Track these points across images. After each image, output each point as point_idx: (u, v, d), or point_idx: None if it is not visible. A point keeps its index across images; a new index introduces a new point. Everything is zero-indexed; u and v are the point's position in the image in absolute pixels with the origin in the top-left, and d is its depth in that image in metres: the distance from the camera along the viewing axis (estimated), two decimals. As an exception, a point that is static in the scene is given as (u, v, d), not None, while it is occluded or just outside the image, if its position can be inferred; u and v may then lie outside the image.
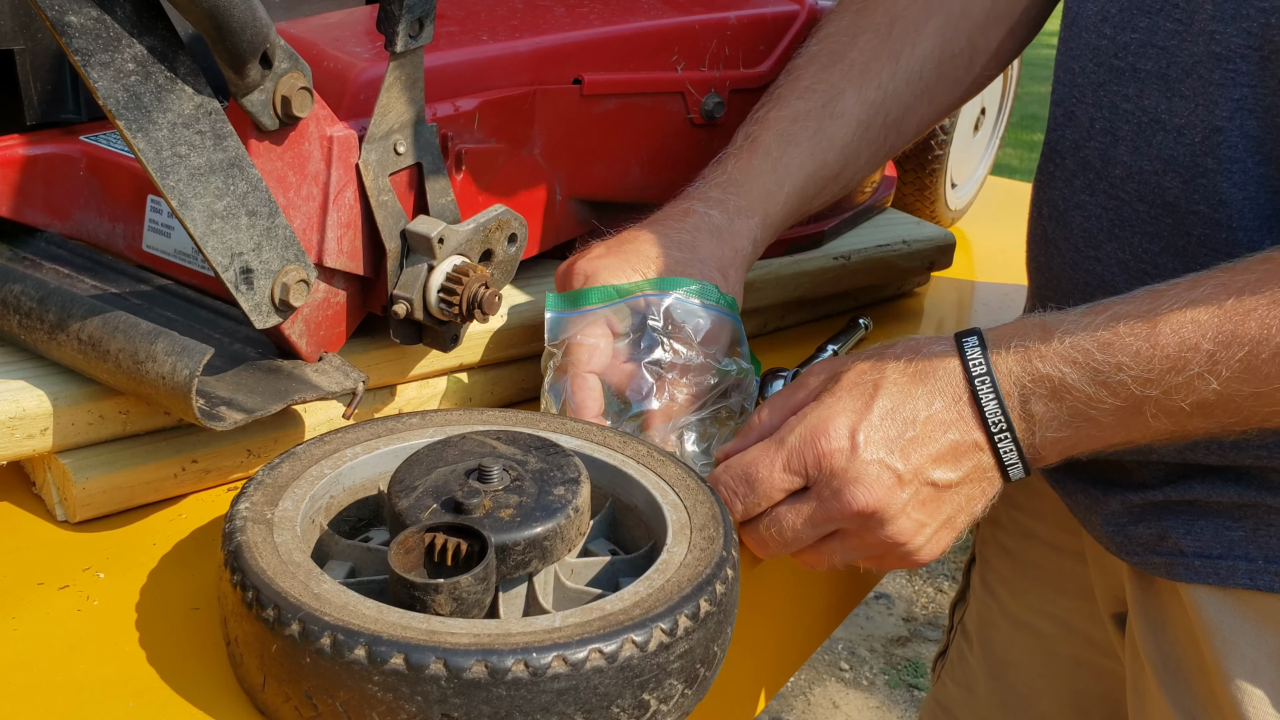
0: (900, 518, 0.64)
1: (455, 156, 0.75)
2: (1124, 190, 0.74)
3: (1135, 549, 0.79)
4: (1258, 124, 0.68)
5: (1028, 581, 1.01)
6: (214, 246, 0.59)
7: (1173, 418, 0.63)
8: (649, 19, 0.88)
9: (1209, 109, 0.69)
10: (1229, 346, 0.60)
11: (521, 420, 0.68)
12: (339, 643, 0.49)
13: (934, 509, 0.65)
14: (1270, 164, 0.68)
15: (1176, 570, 0.76)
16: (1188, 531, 0.76)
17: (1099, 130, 0.76)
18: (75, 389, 0.65)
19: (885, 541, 0.65)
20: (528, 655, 0.49)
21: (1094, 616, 0.94)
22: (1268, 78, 0.67)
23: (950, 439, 0.64)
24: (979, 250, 1.28)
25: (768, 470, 0.65)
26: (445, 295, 0.70)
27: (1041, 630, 1.01)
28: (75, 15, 0.51)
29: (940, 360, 0.65)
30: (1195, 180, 0.70)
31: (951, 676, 1.12)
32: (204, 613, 0.60)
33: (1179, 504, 0.76)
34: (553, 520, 0.56)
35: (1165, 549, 0.77)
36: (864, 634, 2.52)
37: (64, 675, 0.55)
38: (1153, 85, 0.72)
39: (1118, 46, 0.74)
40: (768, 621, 0.80)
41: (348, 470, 0.63)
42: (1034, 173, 0.85)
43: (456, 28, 0.82)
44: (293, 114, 0.61)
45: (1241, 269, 0.63)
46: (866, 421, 0.64)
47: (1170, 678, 0.79)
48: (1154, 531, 0.78)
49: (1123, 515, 0.80)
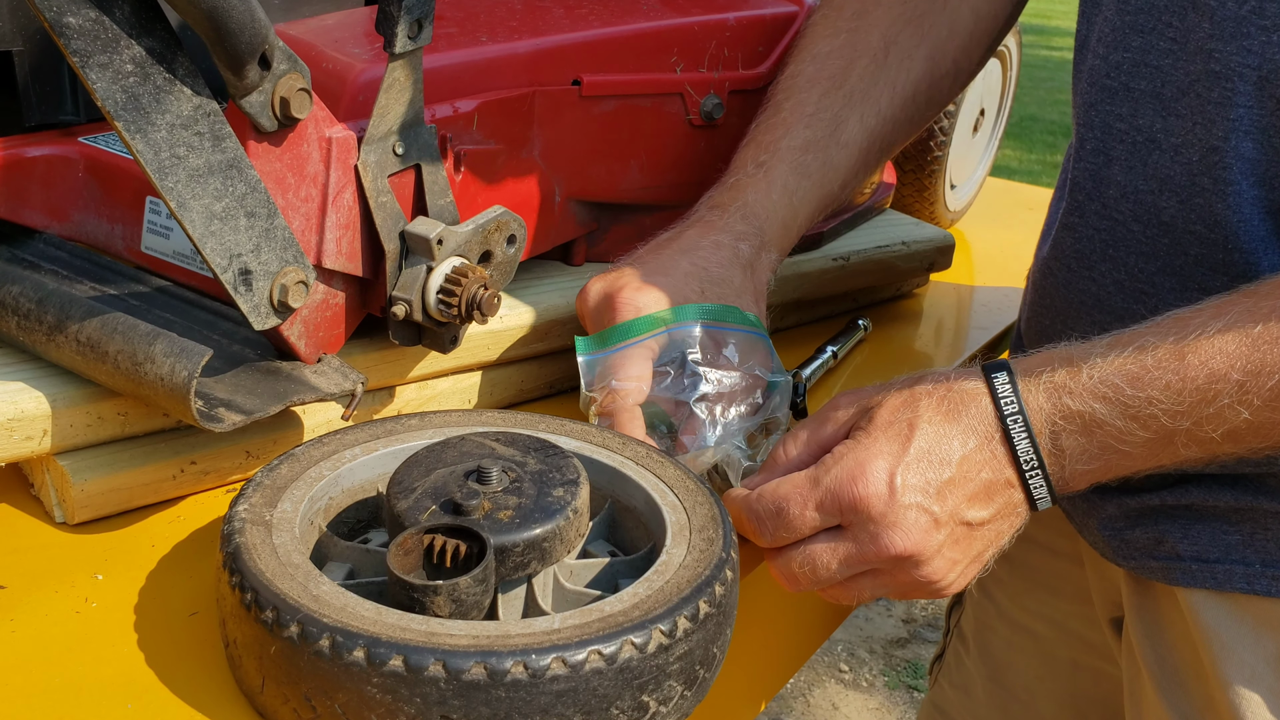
0: (936, 559, 0.64)
1: (454, 158, 0.75)
2: (1118, 210, 0.74)
3: (1132, 554, 0.79)
4: (1254, 145, 0.68)
5: (1025, 585, 1.01)
6: (213, 248, 0.59)
7: (1203, 446, 0.63)
8: (648, 20, 0.88)
9: (1206, 128, 0.69)
10: (1258, 376, 0.60)
11: (520, 422, 0.68)
12: (338, 644, 0.49)
13: (966, 547, 0.66)
14: (1265, 186, 0.68)
15: (1174, 575, 0.76)
16: (1185, 536, 0.76)
17: (1089, 151, 0.76)
18: (74, 390, 0.65)
19: (918, 580, 0.66)
20: (527, 657, 0.49)
21: (1091, 620, 0.93)
22: (1265, 98, 0.67)
23: (984, 478, 0.65)
24: (978, 251, 1.28)
25: (799, 508, 0.65)
26: (444, 296, 0.70)
27: (1039, 633, 1.01)
28: (74, 17, 0.51)
29: (972, 398, 0.66)
30: (1192, 200, 0.70)
31: (948, 680, 1.12)
32: (203, 614, 0.60)
33: (1176, 508, 0.76)
34: (552, 522, 0.56)
35: (1162, 553, 0.77)
36: (863, 635, 2.52)
37: (62, 677, 0.55)
38: (1148, 104, 0.72)
39: (1110, 66, 0.74)
40: (767, 623, 0.80)
41: (346, 472, 0.63)
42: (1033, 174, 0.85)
43: (455, 29, 0.82)
44: (291, 115, 0.61)
45: (1265, 293, 0.63)
46: (904, 464, 0.64)
47: (1167, 682, 0.79)
48: (1151, 536, 0.78)
49: (1119, 520, 0.80)
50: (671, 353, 0.75)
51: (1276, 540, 0.73)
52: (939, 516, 0.64)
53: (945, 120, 1.15)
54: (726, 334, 0.75)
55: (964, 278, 1.19)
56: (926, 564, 0.64)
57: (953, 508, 0.64)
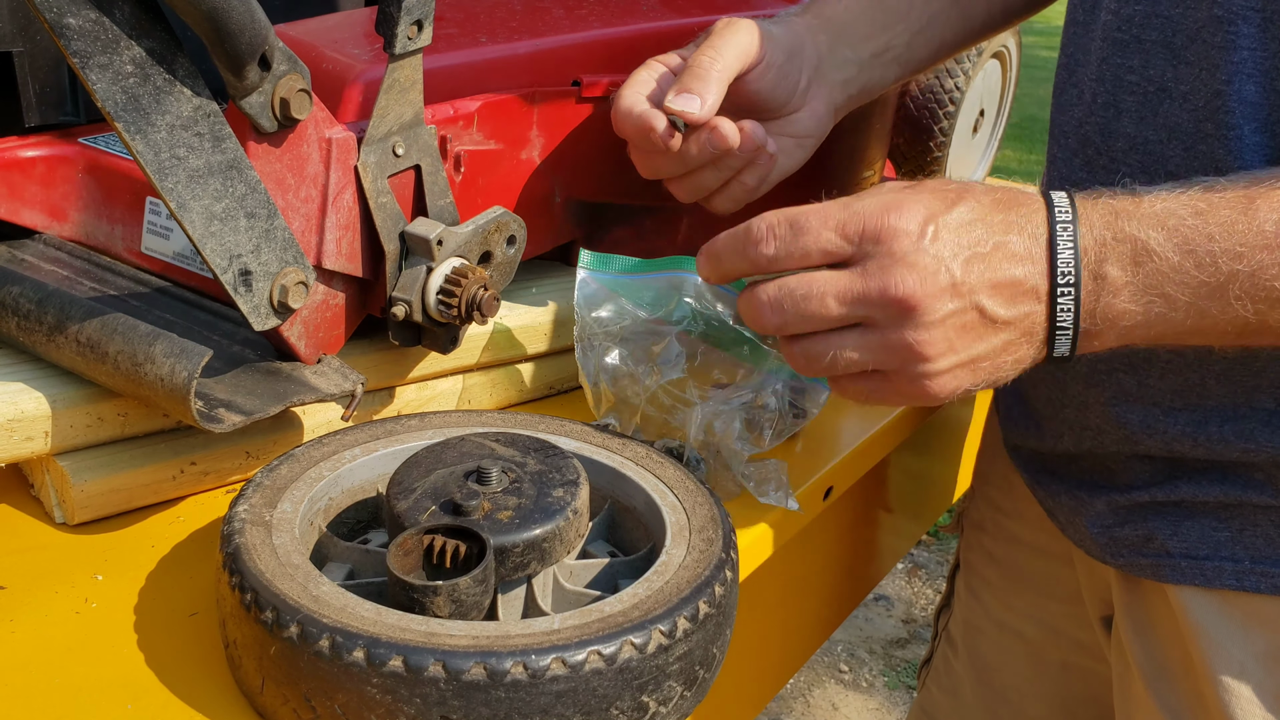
0: (935, 326, 0.60)
1: (454, 158, 0.75)
2: (1126, 162, 0.73)
3: (1121, 551, 0.80)
4: (1256, 89, 0.67)
5: (1014, 586, 1.01)
6: (213, 248, 0.59)
7: (1255, 302, 0.59)
8: (647, 21, 0.88)
9: (1211, 73, 0.68)
10: None
11: (520, 422, 0.68)
12: (338, 645, 0.49)
13: (969, 340, 0.61)
14: (1266, 132, 0.67)
15: (1163, 572, 0.76)
16: (1174, 533, 0.76)
17: (1101, 105, 0.75)
18: (74, 391, 0.65)
19: (907, 346, 0.60)
20: (526, 657, 0.49)
21: (1081, 619, 0.94)
22: (1269, 40, 0.66)
23: (1014, 274, 0.60)
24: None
25: (819, 222, 0.60)
26: (444, 297, 0.70)
27: (1028, 635, 1.01)
28: (74, 18, 0.51)
29: (1027, 199, 0.62)
30: (1196, 147, 0.70)
31: (937, 683, 1.12)
32: (203, 615, 0.60)
33: (1165, 505, 0.76)
34: (551, 522, 0.56)
35: (1152, 550, 0.77)
36: (863, 635, 2.52)
37: (62, 677, 0.55)
38: (1159, 54, 0.71)
39: (1121, 20, 0.74)
40: (767, 623, 0.80)
41: (346, 472, 0.63)
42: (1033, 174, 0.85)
43: (455, 30, 0.82)
44: (291, 116, 0.61)
45: None
46: (943, 221, 0.60)
47: (1157, 678, 0.79)
48: (1140, 533, 0.78)
49: (1108, 517, 0.80)
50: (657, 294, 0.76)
51: (1265, 536, 0.73)
52: (958, 282, 0.59)
53: (945, 120, 1.15)
54: (722, 290, 0.76)
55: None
56: (923, 327, 0.60)
57: (974, 283, 0.60)
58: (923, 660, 1.15)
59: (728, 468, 0.71)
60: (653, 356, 0.74)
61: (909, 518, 1.14)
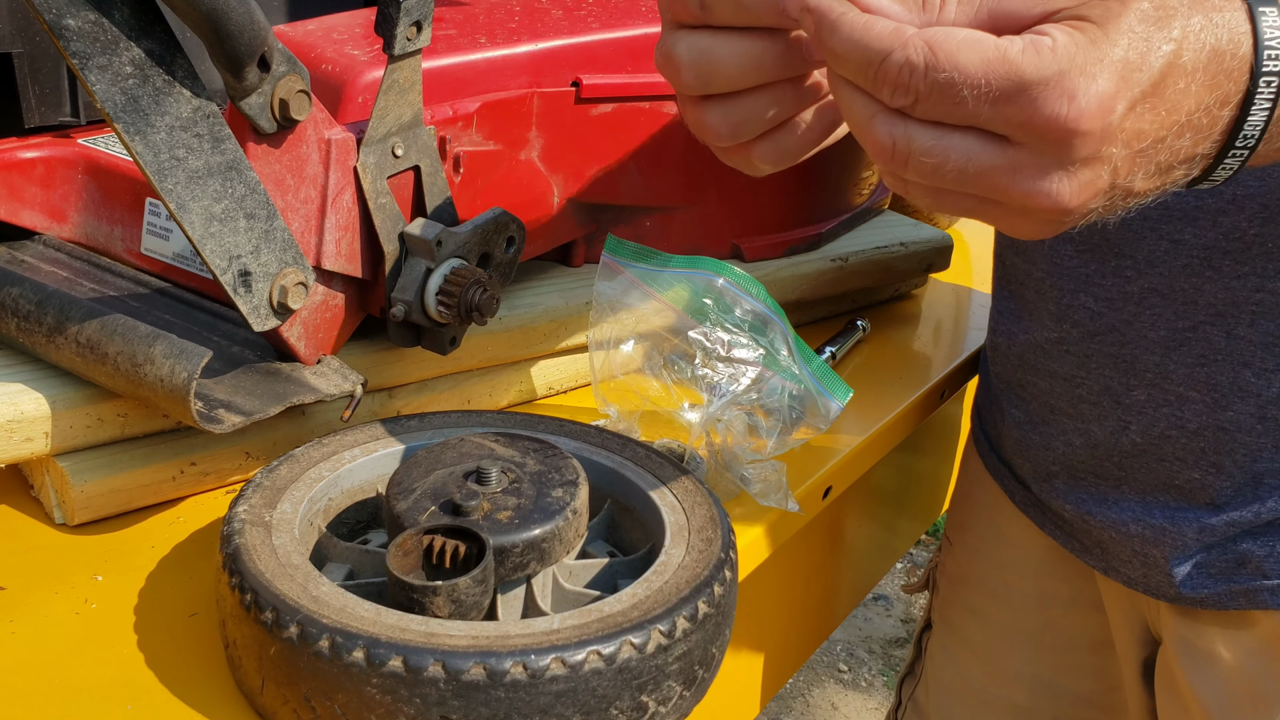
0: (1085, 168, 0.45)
1: (453, 159, 0.75)
2: None
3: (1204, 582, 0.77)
4: None
5: (1003, 644, 0.96)
6: (212, 249, 0.59)
7: None
8: (647, 22, 0.88)
9: None
10: None
11: (520, 422, 0.68)
12: (337, 645, 0.49)
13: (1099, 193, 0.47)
14: None
15: (1260, 598, 0.74)
16: (1270, 554, 0.74)
17: None
18: (73, 392, 0.65)
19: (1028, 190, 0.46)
20: (526, 657, 0.49)
21: (1082, 668, 0.91)
22: None
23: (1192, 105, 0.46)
24: (976, 252, 1.28)
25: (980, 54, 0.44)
26: (443, 298, 0.70)
27: (1016, 700, 0.96)
28: (73, 19, 0.51)
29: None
30: None
31: None
32: (202, 615, 0.60)
33: (1258, 526, 0.74)
34: (551, 522, 0.56)
35: (1245, 575, 0.75)
36: (863, 635, 2.52)
37: (62, 678, 0.55)
38: None
39: None
40: (766, 623, 0.80)
41: (346, 472, 0.63)
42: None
43: (455, 31, 0.82)
44: (291, 117, 0.61)
45: None
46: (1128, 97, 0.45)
47: (1223, 712, 0.77)
48: (1229, 558, 0.75)
49: (1196, 547, 0.76)
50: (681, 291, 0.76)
51: None
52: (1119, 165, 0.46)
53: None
54: (740, 296, 0.76)
55: (962, 278, 1.19)
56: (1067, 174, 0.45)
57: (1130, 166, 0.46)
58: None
59: (727, 469, 0.71)
60: (664, 351, 0.74)
61: (908, 517, 1.15)
